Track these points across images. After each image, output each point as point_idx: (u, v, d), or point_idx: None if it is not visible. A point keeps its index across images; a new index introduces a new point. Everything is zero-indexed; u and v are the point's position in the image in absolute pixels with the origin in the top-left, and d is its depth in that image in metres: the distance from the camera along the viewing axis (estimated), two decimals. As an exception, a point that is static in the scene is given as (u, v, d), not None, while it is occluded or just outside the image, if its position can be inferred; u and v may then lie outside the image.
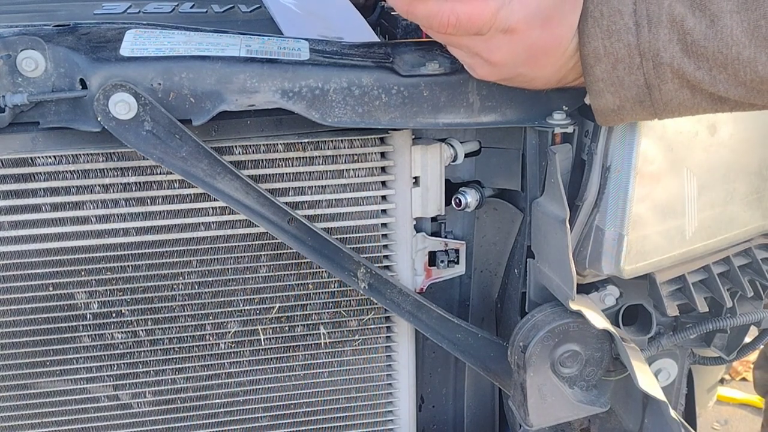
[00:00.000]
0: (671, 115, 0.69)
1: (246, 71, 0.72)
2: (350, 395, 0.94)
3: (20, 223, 0.77)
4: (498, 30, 0.65)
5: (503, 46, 0.66)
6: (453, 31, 0.65)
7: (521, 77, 0.71)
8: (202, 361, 0.87)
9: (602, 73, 0.67)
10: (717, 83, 0.65)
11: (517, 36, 0.65)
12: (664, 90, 0.66)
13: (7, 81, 0.70)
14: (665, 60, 0.64)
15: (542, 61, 0.68)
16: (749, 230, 0.87)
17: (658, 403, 0.78)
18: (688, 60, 0.64)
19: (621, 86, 0.67)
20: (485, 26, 0.64)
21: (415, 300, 0.85)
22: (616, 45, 0.65)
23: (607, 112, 0.70)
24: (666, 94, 0.66)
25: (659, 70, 0.65)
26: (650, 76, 0.65)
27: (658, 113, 0.68)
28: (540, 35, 0.66)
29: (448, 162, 0.86)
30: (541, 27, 0.65)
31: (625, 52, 0.65)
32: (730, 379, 2.46)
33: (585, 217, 0.79)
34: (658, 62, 0.65)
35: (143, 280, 0.82)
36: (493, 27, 0.64)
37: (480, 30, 0.65)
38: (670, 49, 0.64)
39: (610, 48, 0.65)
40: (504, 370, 0.88)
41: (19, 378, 0.84)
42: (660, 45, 0.64)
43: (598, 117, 0.71)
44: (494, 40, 0.66)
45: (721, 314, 0.91)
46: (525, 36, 0.65)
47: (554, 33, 0.66)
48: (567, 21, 0.66)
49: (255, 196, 0.77)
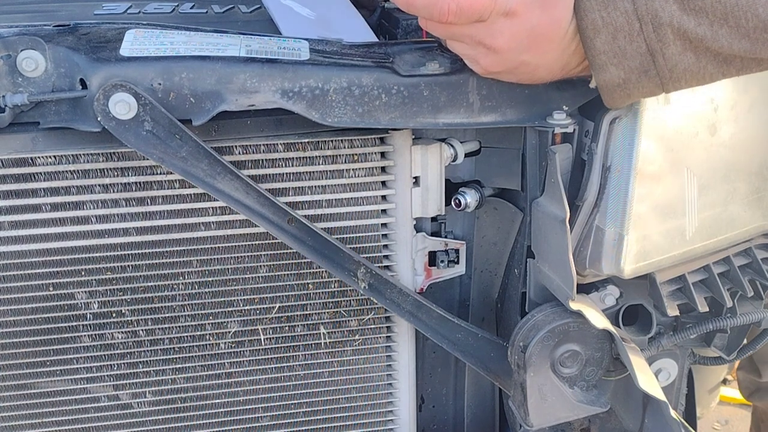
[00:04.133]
0: (678, 84, 0.68)
1: (246, 71, 0.72)
2: (350, 395, 0.94)
3: (20, 223, 0.77)
4: (499, 14, 0.65)
5: (505, 29, 0.67)
6: (454, 18, 0.65)
7: (524, 66, 0.71)
8: (202, 361, 0.87)
9: (603, 44, 0.66)
10: (719, 38, 0.64)
11: (518, 18, 0.66)
12: (668, 54, 0.66)
13: (7, 81, 0.70)
14: (664, 20, 0.64)
15: (544, 45, 0.68)
16: (749, 230, 0.87)
17: (658, 403, 0.78)
18: (687, 17, 0.64)
19: (624, 56, 0.67)
20: (486, 10, 0.65)
21: (415, 300, 0.85)
22: (614, 14, 0.65)
23: (613, 88, 0.69)
24: (670, 59, 0.66)
25: (660, 32, 0.65)
26: (651, 40, 0.65)
27: (664, 83, 0.68)
28: (540, 17, 0.66)
29: (448, 162, 0.86)
30: (540, 8, 0.66)
31: (624, 20, 0.65)
32: (731, 379, 2.45)
33: (585, 217, 0.79)
34: (658, 24, 0.64)
35: (143, 280, 0.82)
36: (494, 11, 0.65)
37: (481, 15, 0.65)
38: (667, 8, 0.64)
39: (608, 18, 0.65)
40: (504, 370, 0.88)
41: (19, 378, 0.84)
42: (657, 6, 0.64)
43: (605, 96, 0.71)
44: (496, 24, 0.66)
45: (722, 314, 0.91)
46: (525, 18, 0.66)
47: (553, 14, 0.66)
48: (564, 1, 0.66)
49: (255, 196, 0.77)
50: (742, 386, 1.63)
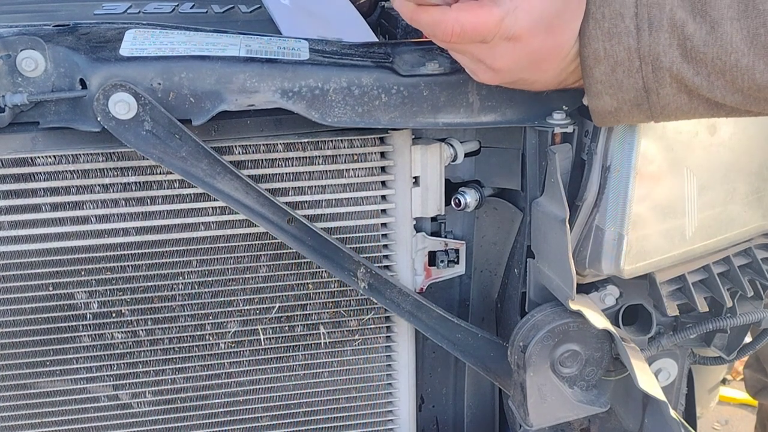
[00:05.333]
0: (667, 119, 0.69)
1: (246, 71, 0.72)
2: (350, 395, 0.94)
3: (20, 222, 0.77)
4: (502, 38, 0.65)
5: (506, 53, 0.66)
6: (457, 40, 0.65)
7: (522, 81, 0.71)
8: (202, 361, 0.87)
9: (601, 75, 0.67)
10: (714, 89, 0.65)
11: (521, 43, 0.65)
12: (662, 94, 0.66)
13: (7, 81, 0.70)
14: (665, 64, 0.65)
15: (544, 66, 0.68)
16: (749, 230, 0.87)
17: (658, 402, 0.78)
18: (687, 65, 0.64)
19: (619, 89, 0.67)
20: (489, 35, 0.64)
21: (415, 300, 0.85)
22: (617, 47, 0.65)
23: (604, 114, 0.70)
24: (663, 98, 0.67)
25: (658, 74, 0.65)
26: (649, 79, 0.66)
27: (654, 116, 0.69)
28: (543, 42, 0.66)
29: (448, 162, 0.86)
30: (544, 34, 0.65)
31: (625, 55, 0.65)
32: (731, 379, 2.45)
33: (585, 217, 0.79)
34: (658, 66, 0.65)
35: (143, 280, 0.82)
36: (497, 35, 0.64)
37: (484, 38, 0.65)
38: (669, 53, 0.64)
39: (611, 50, 0.65)
40: (504, 369, 0.88)
41: (18, 378, 0.84)
42: (660, 49, 0.64)
43: (595, 118, 0.71)
44: (498, 47, 0.66)
45: (721, 314, 0.91)
46: (528, 43, 0.66)
47: (556, 39, 0.66)
48: (569, 27, 0.66)
49: (255, 196, 0.77)
50: (748, 384, 1.63)
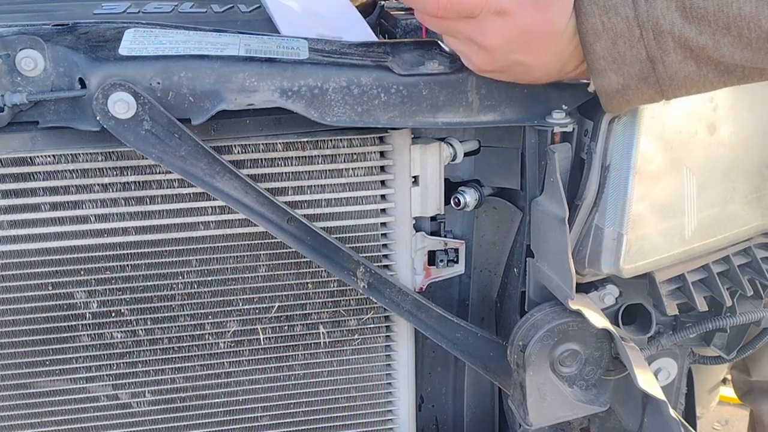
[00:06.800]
0: (678, 92, 0.67)
1: (245, 70, 0.72)
2: (349, 395, 0.94)
3: (19, 222, 0.77)
4: (490, 11, 0.65)
5: (497, 28, 0.66)
6: (445, 13, 0.65)
7: (518, 66, 0.70)
8: (202, 361, 0.87)
9: (602, 50, 0.66)
10: (721, 47, 0.63)
11: (510, 18, 0.65)
12: (668, 62, 0.65)
13: (6, 80, 0.70)
14: (665, 28, 0.63)
15: (538, 46, 0.68)
16: (749, 229, 0.87)
17: (657, 402, 0.78)
18: (689, 26, 0.63)
19: (623, 63, 0.66)
20: (477, 7, 0.65)
21: (414, 299, 0.85)
22: (614, 20, 0.64)
23: (612, 93, 0.68)
24: (670, 66, 0.65)
25: (660, 40, 0.64)
26: (652, 48, 0.64)
27: (664, 90, 0.67)
28: (533, 17, 0.66)
29: (448, 161, 0.86)
30: (533, 8, 0.65)
31: (624, 26, 0.64)
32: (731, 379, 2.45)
33: (584, 216, 0.79)
34: (659, 32, 0.63)
35: (142, 280, 0.82)
36: (485, 8, 0.65)
37: (472, 11, 0.65)
38: (669, 16, 0.63)
39: (609, 23, 0.64)
40: (503, 369, 0.88)
41: (18, 378, 0.84)
42: (658, 13, 0.63)
43: (604, 101, 0.70)
44: (487, 22, 0.66)
45: (721, 313, 0.91)
46: (517, 17, 0.65)
47: (547, 15, 0.66)
48: (560, 2, 0.65)
49: (254, 196, 0.77)
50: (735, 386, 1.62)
